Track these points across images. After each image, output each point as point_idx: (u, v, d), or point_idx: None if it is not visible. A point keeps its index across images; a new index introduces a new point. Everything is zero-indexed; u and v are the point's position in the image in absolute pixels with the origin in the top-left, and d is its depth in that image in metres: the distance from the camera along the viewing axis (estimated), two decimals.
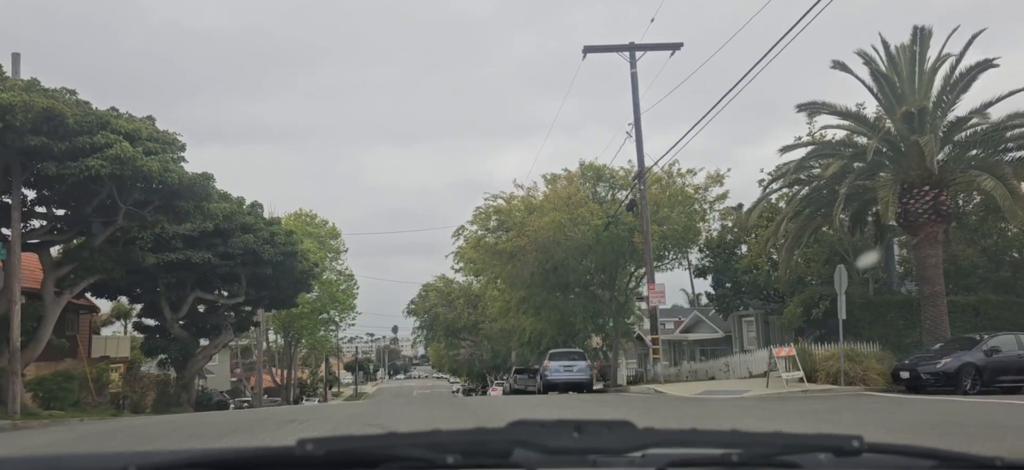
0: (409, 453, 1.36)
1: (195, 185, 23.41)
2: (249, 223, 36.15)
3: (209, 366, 71.57)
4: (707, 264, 32.43)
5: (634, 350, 52.28)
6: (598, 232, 29.14)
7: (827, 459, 1.51)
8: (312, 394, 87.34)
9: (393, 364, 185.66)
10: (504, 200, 33.01)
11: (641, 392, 24.36)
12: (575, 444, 1.40)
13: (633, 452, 1.43)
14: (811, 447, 1.53)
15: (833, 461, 1.52)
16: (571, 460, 1.38)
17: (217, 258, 34.88)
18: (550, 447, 1.39)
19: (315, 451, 1.34)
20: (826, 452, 1.51)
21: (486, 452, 1.40)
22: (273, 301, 41.20)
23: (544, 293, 33.08)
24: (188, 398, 37.31)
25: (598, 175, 31.66)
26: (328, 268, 62.66)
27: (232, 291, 37.58)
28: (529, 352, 41.88)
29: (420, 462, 1.36)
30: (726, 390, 22.48)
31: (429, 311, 65.63)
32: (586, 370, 29.24)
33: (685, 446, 1.52)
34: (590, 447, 1.40)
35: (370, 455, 1.37)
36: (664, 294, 24.62)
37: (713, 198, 31.34)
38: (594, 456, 1.39)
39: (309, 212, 63.05)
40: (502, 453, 1.38)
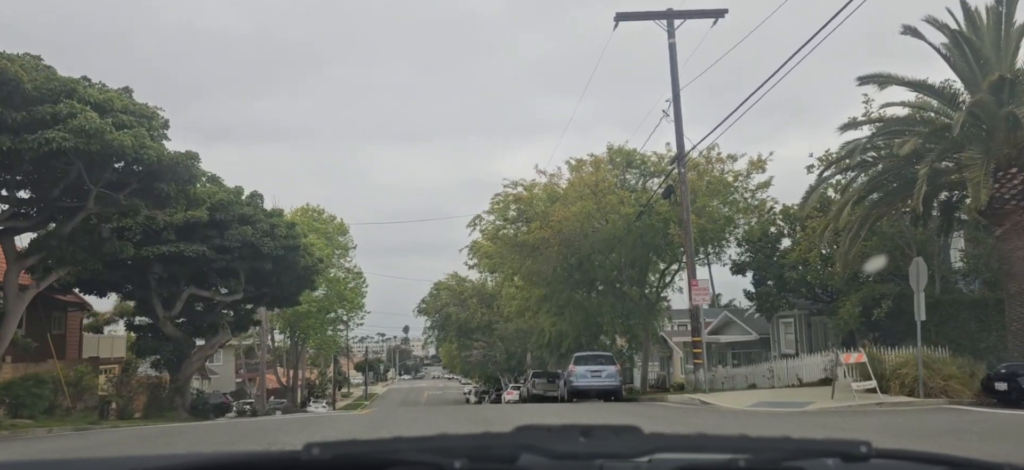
0: (415, 457, 1.37)
1: (177, 165, 20.55)
2: (248, 214, 33.33)
3: (213, 367, 69.04)
4: (746, 259, 29.33)
5: (657, 353, 49.19)
6: (629, 222, 26.10)
7: (835, 464, 1.54)
8: (320, 396, 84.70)
9: (404, 364, 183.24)
10: (525, 188, 30.00)
11: (683, 402, 21.32)
12: (582, 449, 1.39)
13: (640, 457, 1.43)
14: (819, 452, 1.54)
15: (841, 466, 1.54)
16: (578, 465, 1.39)
17: (212, 251, 32.08)
18: (557, 452, 1.37)
19: (322, 455, 1.35)
20: (834, 457, 1.53)
21: (493, 457, 1.39)
22: (275, 299, 38.39)
23: (567, 291, 30.05)
24: (182, 402, 34.54)
25: (628, 160, 28.59)
26: (335, 265, 59.91)
27: (230, 287, 34.78)
28: (548, 354, 38.92)
29: (426, 466, 1.37)
30: (785, 402, 19.41)
31: (441, 310, 62.64)
32: (615, 376, 26.23)
33: (693, 452, 1.51)
34: (597, 452, 1.40)
35: (376, 459, 1.39)
36: (708, 291, 21.60)
37: (754, 186, 28.31)
38: (601, 461, 1.39)
39: (316, 207, 60.37)
40: (509, 458, 1.37)
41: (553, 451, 1.37)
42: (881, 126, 21.48)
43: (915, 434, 11.77)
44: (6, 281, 21.16)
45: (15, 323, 21.77)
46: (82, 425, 23.90)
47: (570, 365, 26.65)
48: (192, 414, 34.73)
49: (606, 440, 1.42)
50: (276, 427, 18.14)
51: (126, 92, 20.44)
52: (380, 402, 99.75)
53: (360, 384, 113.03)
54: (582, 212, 26.20)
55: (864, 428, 12.89)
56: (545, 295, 31.23)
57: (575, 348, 35.99)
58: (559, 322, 31.39)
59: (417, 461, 1.36)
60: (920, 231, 24.93)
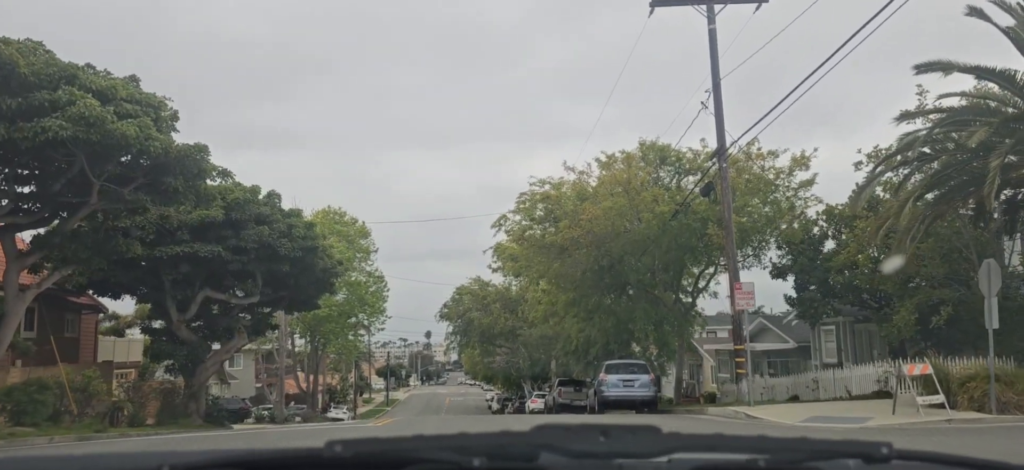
0: (435, 455, 1.38)
1: (185, 158, 19.28)
2: (264, 214, 32.12)
3: (232, 372, 68.16)
4: (787, 263, 27.56)
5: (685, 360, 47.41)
6: (664, 222, 24.47)
7: (856, 465, 1.51)
8: (341, 401, 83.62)
9: (426, 370, 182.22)
10: (553, 186, 28.42)
11: (726, 416, 19.65)
12: (601, 448, 1.39)
13: (659, 457, 1.42)
14: (839, 453, 1.52)
15: (862, 467, 1.51)
16: (597, 464, 1.39)
17: (228, 252, 30.88)
18: (576, 451, 1.38)
19: (343, 452, 1.36)
20: (855, 459, 1.50)
21: (512, 455, 1.40)
22: (293, 302, 37.15)
23: (597, 295, 28.45)
24: (197, 409, 33.36)
25: (662, 156, 26.95)
26: (356, 269, 58.76)
27: (246, 290, 33.59)
28: (574, 362, 37.33)
29: (446, 465, 1.37)
30: (840, 417, 17.68)
31: (463, 315, 61.18)
32: (650, 385, 24.60)
33: (711, 451, 1.50)
34: (616, 451, 1.39)
35: (397, 457, 1.40)
36: (753, 295, 19.93)
37: (796, 184, 26.53)
38: (620, 461, 1.39)
39: (337, 209, 59.25)
40: (528, 457, 1.38)
41: (572, 450, 1.37)
42: (943, 117, 19.70)
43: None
44: (6, 281, 20.00)
45: (15, 324, 20.62)
46: (87, 433, 22.73)
47: (601, 373, 25.05)
48: (207, 421, 33.57)
49: (624, 439, 1.42)
50: (288, 440, 16.88)
51: (132, 81, 19.21)
52: (401, 408, 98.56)
53: (381, 390, 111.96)
54: (614, 210, 24.58)
55: (960, 451, 11.20)
56: (573, 299, 29.60)
57: (603, 356, 34.35)
58: (587, 328, 29.81)
59: (436, 459, 1.37)
60: (981, 231, 23.08)
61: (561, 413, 36.44)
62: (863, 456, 1.49)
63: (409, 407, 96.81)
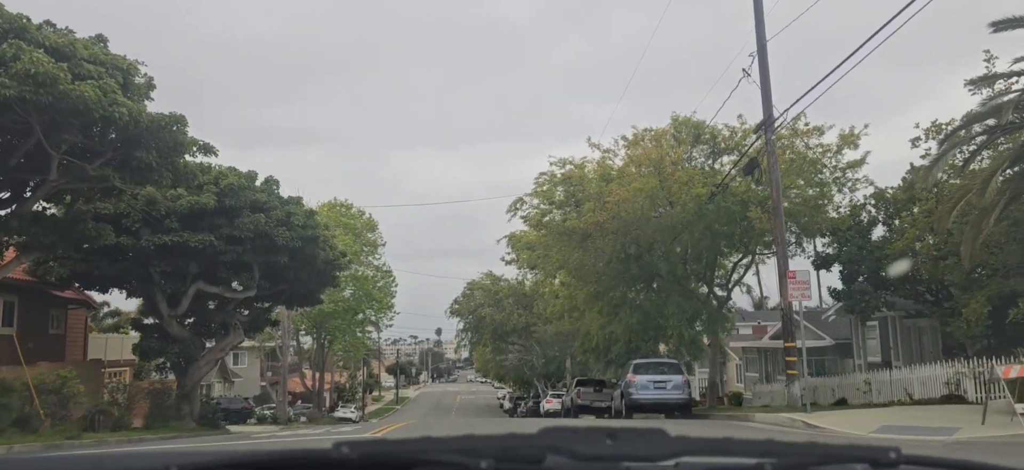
0: (442, 457, 1.38)
1: (159, 129, 16.79)
2: (261, 201, 29.68)
3: (236, 370, 65.95)
4: (833, 252, 24.84)
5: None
6: (701, 205, 21.80)
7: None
8: (350, 400, 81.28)
9: (437, 367, 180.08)
10: (574, 166, 25.72)
11: (778, 424, 16.98)
12: (608, 451, 1.39)
13: (666, 460, 1.42)
14: (847, 458, 1.51)
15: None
16: (603, 467, 1.38)
17: (221, 242, 28.47)
18: (582, 453, 1.37)
19: (350, 454, 1.37)
20: (863, 463, 1.48)
21: (518, 457, 1.39)
22: (293, 297, 34.68)
23: (622, 287, 25.79)
24: (190, 411, 30.95)
25: (696, 133, 24.22)
26: (363, 263, 56.34)
27: (242, 283, 31.15)
28: (593, 361, 34.72)
29: (453, 467, 1.37)
30: (918, 427, 14.98)
31: (474, 311, 58.58)
32: (683, 387, 21.96)
33: (719, 455, 1.50)
34: (623, 454, 1.39)
35: (404, 458, 1.40)
36: (809, 285, 17.27)
37: (844, 164, 23.79)
38: (627, 463, 1.39)
39: (344, 202, 56.84)
40: (535, 459, 1.37)
41: (578, 452, 1.37)
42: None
43: None
44: None
45: None
46: (58, 440, 20.35)
47: (628, 374, 22.42)
48: (202, 424, 31.19)
49: (631, 442, 1.42)
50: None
51: (98, 40, 16.73)
52: (411, 406, 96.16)
53: (391, 388, 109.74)
54: (644, 191, 21.90)
55: None
56: (595, 293, 26.92)
57: (626, 354, 31.71)
58: (610, 324, 27.17)
59: (443, 461, 1.38)
60: None
61: (581, 416, 33.85)
62: (872, 461, 1.48)
63: (419, 406, 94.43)
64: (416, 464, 1.37)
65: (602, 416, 33.73)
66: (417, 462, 1.38)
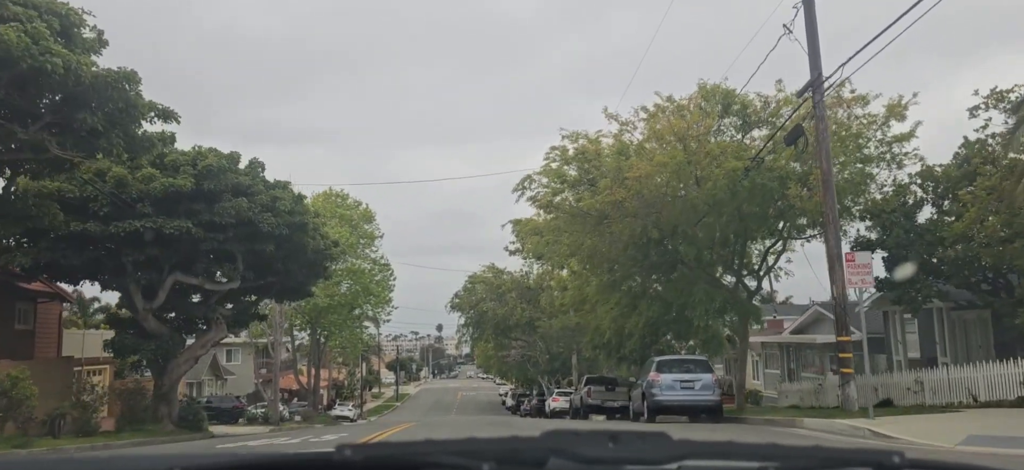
0: (445, 460, 1.37)
1: (105, 88, 14.12)
2: (243, 184, 27.03)
3: (229, 367, 63.32)
4: (875, 237, 22.17)
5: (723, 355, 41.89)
6: (735, 181, 19.08)
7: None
8: (348, 397, 78.72)
9: (437, 363, 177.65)
10: (589, 140, 22.87)
11: (835, 431, 14.31)
12: (610, 454, 1.38)
13: (669, 464, 1.41)
14: (851, 462, 1.50)
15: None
16: (606, 469, 1.37)
17: (200, 229, 25.84)
18: (585, 456, 1.36)
19: (353, 456, 1.37)
20: (866, 467, 1.48)
21: (521, 460, 1.39)
22: (282, 290, 32.02)
23: (641, 276, 23.07)
24: (168, 412, 28.31)
25: (726, 102, 21.42)
26: (361, 255, 53.72)
27: (225, 274, 28.49)
28: (604, 357, 32.14)
29: (455, 469, 1.37)
30: (1016, 438, 12.35)
31: (476, 306, 55.92)
32: (713, 388, 19.29)
33: (722, 459, 1.50)
34: (625, 457, 1.38)
35: (407, 461, 1.40)
36: (870, 270, 14.62)
37: (890, 138, 21.09)
38: (630, 467, 1.38)
39: (340, 192, 54.22)
40: (537, 462, 1.36)
41: (581, 455, 1.36)
42: None
43: None
44: None
45: None
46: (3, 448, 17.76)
47: (651, 372, 19.73)
48: (181, 426, 28.56)
49: (634, 445, 1.41)
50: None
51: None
52: (411, 404, 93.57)
53: (391, 384, 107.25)
54: (670, 166, 19.15)
55: None
56: (610, 283, 24.15)
57: (640, 350, 29.07)
58: (626, 318, 24.48)
59: (446, 464, 1.37)
60: None
61: (590, 417, 31.20)
62: (875, 465, 1.48)
63: (419, 403, 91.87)
64: (419, 466, 1.37)
65: (613, 417, 31.12)
66: (420, 465, 1.37)
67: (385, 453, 1.40)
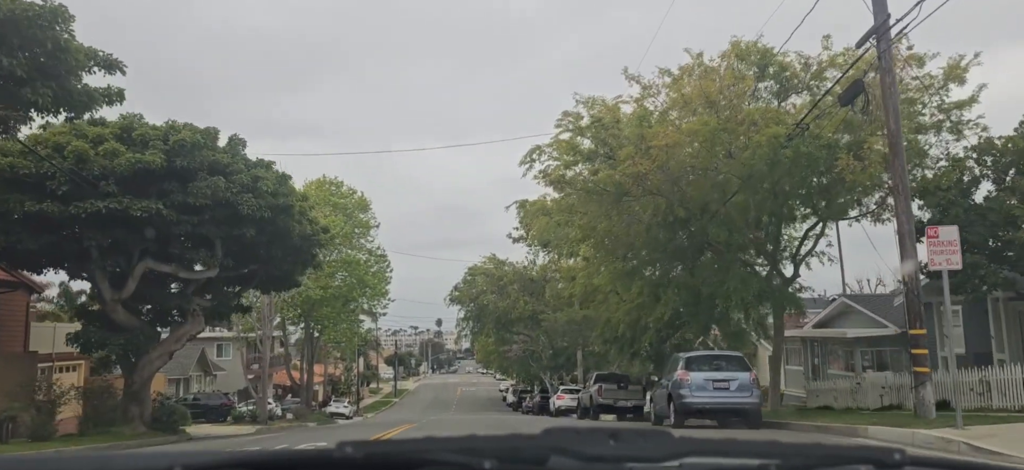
0: (445, 457, 1.37)
1: (28, 26, 11.40)
2: (221, 162, 24.35)
3: (219, 362, 60.62)
4: (926, 217, 19.50)
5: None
6: (775, 150, 16.33)
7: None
8: (345, 393, 76.13)
9: (437, 358, 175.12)
10: (605, 106, 19.97)
11: (919, 443, 11.63)
12: (611, 451, 1.38)
13: (670, 461, 1.40)
14: (851, 459, 1.49)
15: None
16: (607, 468, 1.37)
17: (172, 211, 23.18)
18: (586, 454, 1.36)
19: (354, 454, 1.36)
20: (867, 464, 1.47)
21: (522, 458, 1.38)
22: (266, 279, 29.31)
23: (664, 261, 20.29)
24: (140, 413, 25.65)
25: (762, 63, 18.64)
26: (356, 246, 51.05)
27: (202, 261, 25.80)
28: (616, 352, 29.51)
29: (456, 467, 1.36)
30: None
31: (476, 298, 53.25)
32: (751, 388, 16.61)
33: (723, 456, 1.49)
34: (626, 455, 1.37)
35: (407, 458, 1.39)
36: (957, 247, 11.96)
37: (948, 104, 18.42)
38: (631, 464, 1.37)
39: (334, 180, 51.53)
40: (538, 460, 1.36)
41: (582, 453, 1.36)
42: None
43: None
44: None
45: None
46: None
47: (678, 370, 17.02)
48: (154, 427, 25.92)
49: (635, 443, 1.40)
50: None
51: None
52: (410, 400, 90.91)
53: (390, 379, 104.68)
54: (703, 132, 16.36)
55: None
56: (628, 271, 21.34)
57: (659, 345, 26.42)
58: (646, 309, 21.73)
59: (447, 461, 1.37)
60: None
61: (601, 417, 28.55)
62: (876, 462, 1.47)
63: (418, 399, 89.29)
64: (420, 464, 1.37)
65: (625, 417, 28.46)
66: (421, 462, 1.37)
67: (386, 450, 1.40)
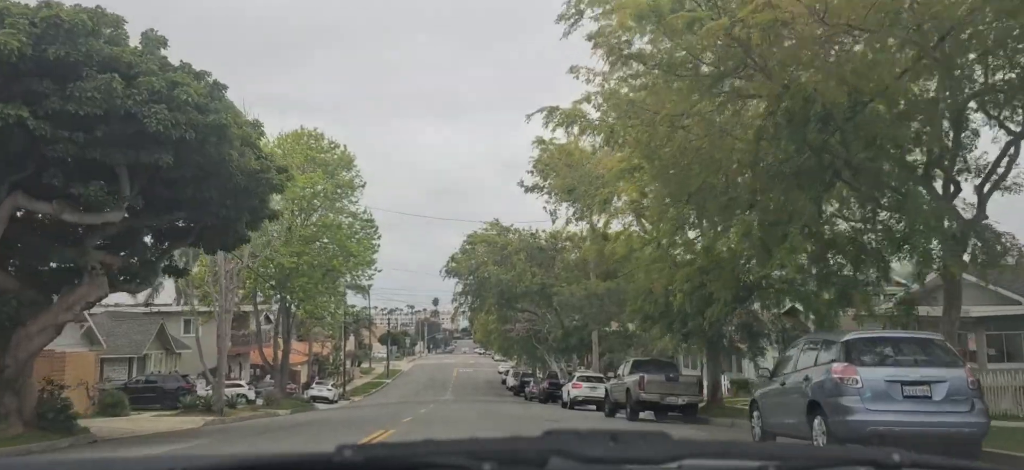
0: (445, 460, 1.36)
1: None
2: (118, 58, 16.74)
3: (185, 339, 53.10)
4: None
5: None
6: None
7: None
8: (333, 373, 68.87)
9: (433, 337, 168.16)
10: None
11: None
12: (611, 453, 1.37)
13: (669, 463, 1.39)
14: (850, 462, 1.48)
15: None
16: (607, 469, 1.37)
17: (43, 123, 15.73)
18: (586, 456, 1.35)
19: (354, 457, 1.36)
20: (865, 466, 1.45)
21: (522, 460, 1.38)
22: (202, 230, 21.74)
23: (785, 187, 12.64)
24: (17, 406, 18.19)
25: None
26: (338, 209, 43.50)
27: (98, 199, 18.09)
28: (661, 331, 22.23)
29: (457, 469, 1.36)
30: None
31: (476, 271, 45.61)
32: (972, 396, 9.27)
33: (722, 458, 1.49)
34: (626, 457, 1.37)
35: (408, 461, 1.38)
36: None
37: None
38: (630, 466, 1.37)
39: (314, 131, 43.89)
40: (538, 462, 1.35)
41: (582, 455, 1.35)
42: None
43: None
44: None
45: None
46: None
47: (836, 363, 9.56)
48: (40, 426, 18.50)
49: (635, 445, 1.40)
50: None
51: None
52: (403, 381, 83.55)
53: (383, 358, 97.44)
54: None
55: None
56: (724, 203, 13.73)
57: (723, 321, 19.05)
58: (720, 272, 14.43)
59: (447, 464, 1.36)
60: None
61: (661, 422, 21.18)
62: (874, 464, 1.46)
63: (411, 380, 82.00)
64: (419, 467, 1.37)
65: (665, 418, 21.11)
66: (420, 465, 1.37)
67: (385, 453, 1.40)
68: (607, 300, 31.52)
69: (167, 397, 37.59)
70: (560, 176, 23.01)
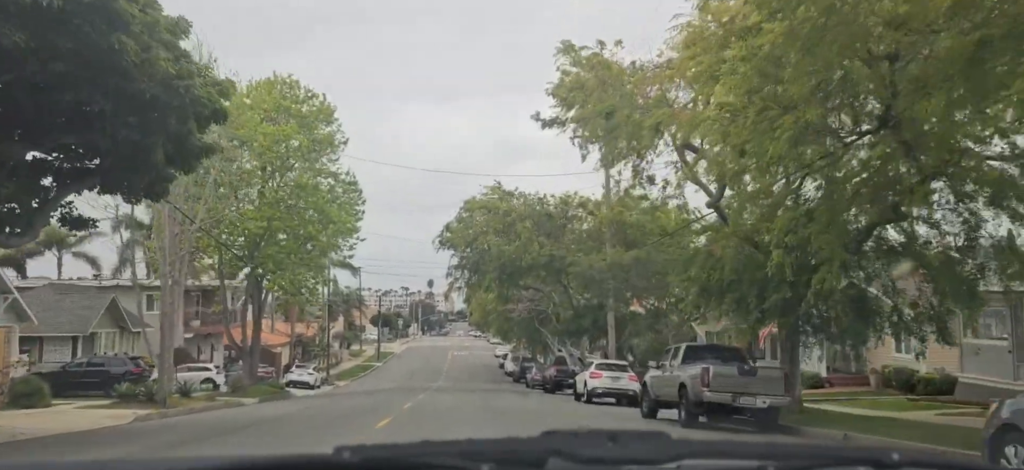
0: (444, 461, 1.35)
1: None
2: None
3: (146, 317, 47.15)
4: None
5: None
6: None
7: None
8: (319, 355, 63.00)
9: (427, 319, 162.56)
10: None
11: None
12: (609, 454, 1.36)
13: (668, 463, 1.38)
14: (848, 461, 1.48)
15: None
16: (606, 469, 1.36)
17: None
18: (585, 456, 1.34)
19: (352, 458, 1.35)
20: (864, 465, 1.45)
21: (520, 461, 1.37)
22: (115, 167, 15.69)
23: None
24: None
25: None
26: (316, 169, 37.45)
27: None
28: (721, 309, 16.43)
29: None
30: None
31: (473, 242, 39.43)
32: None
33: (721, 457, 1.48)
34: (625, 457, 1.36)
35: (406, 462, 1.38)
36: None
37: None
38: (629, 466, 1.35)
39: (289, 78, 37.67)
40: (537, 462, 1.34)
41: (580, 455, 1.34)
42: None
43: None
44: None
45: None
46: None
47: None
48: None
49: (634, 445, 1.39)
50: None
51: None
52: (394, 364, 77.55)
53: (375, 340, 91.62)
54: None
55: None
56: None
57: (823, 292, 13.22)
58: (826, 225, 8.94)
59: (445, 465, 1.35)
60: None
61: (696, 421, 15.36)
62: (874, 463, 1.45)
63: (403, 365, 76.04)
64: (418, 468, 1.36)
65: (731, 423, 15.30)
66: (419, 466, 1.36)
67: (384, 455, 1.39)
68: (634, 272, 25.70)
69: (112, 382, 31.60)
70: (592, 99, 17.21)
